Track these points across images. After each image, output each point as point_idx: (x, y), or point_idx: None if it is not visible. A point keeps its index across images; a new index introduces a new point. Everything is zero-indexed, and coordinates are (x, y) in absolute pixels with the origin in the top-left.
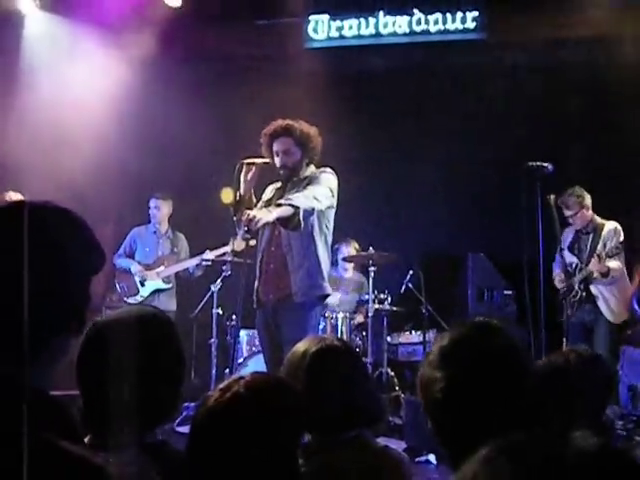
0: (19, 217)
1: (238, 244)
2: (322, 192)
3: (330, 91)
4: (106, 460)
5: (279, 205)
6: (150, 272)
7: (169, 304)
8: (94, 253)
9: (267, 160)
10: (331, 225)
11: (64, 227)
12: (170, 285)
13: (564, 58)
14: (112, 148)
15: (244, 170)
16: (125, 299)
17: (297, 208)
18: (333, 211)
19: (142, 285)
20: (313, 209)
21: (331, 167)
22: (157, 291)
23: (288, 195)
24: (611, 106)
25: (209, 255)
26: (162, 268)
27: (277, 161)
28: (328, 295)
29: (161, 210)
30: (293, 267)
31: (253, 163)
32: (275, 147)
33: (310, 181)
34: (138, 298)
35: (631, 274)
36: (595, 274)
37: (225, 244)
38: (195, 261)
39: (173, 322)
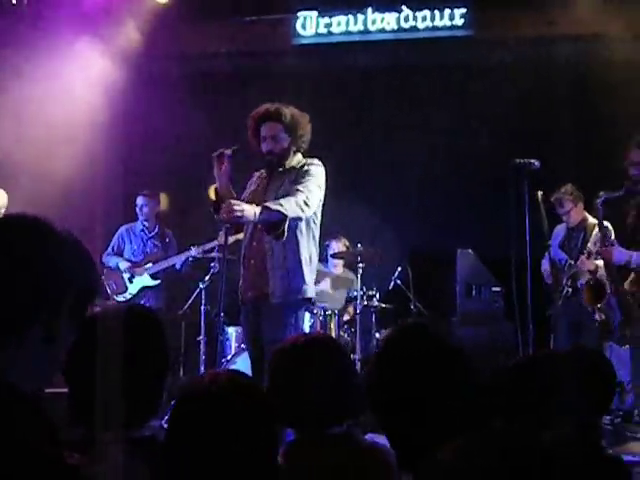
0: None
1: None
2: (313, 194)
3: (318, 87)
4: (81, 460)
5: (266, 207)
6: (138, 269)
7: (157, 301)
8: (71, 268)
9: (234, 147)
10: (319, 219)
11: (31, 242)
12: (158, 282)
13: (552, 55)
14: (99, 145)
15: (215, 164)
16: (114, 297)
17: (285, 217)
18: (321, 204)
19: (130, 282)
20: (301, 217)
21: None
22: (145, 288)
23: (278, 192)
24: (599, 103)
25: (196, 250)
26: (150, 265)
27: (263, 146)
28: (310, 298)
29: (148, 207)
30: (272, 266)
31: (221, 154)
32: (262, 132)
33: (299, 176)
34: (127, 295)
35: None
36: (583, 271)
37: (214, 239)
38: (183, 257)
39: (159, 319)
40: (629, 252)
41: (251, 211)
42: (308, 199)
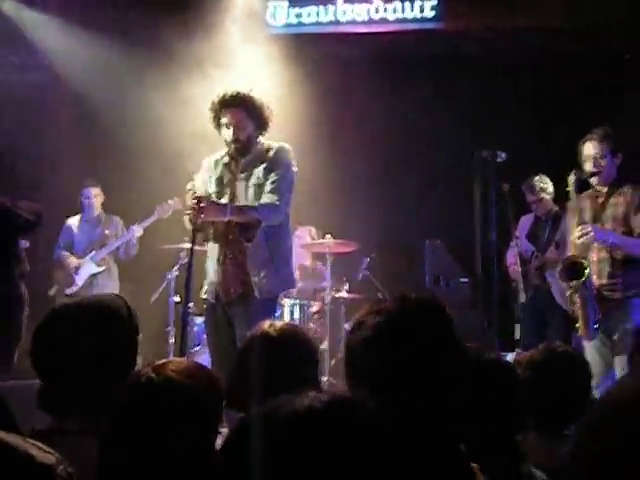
0: None
1: (164, 211)
2: (288, 189)
3: (289, 76)
4: (51, 454)
5: (241, 210)
6: (81, 260)
7: (108, 287)
8: None
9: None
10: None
11: None
12: (103, 268)
13: (521, 47)
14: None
15: (191, 206)
16: (64, 291)
17: (260, 222)
18: None
19: (76, 274)
20: (274, 223)
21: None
22: (93, 276)
23: (249, 182)
24: (567, 95)
25: (136, 229)
26: (93, 252)
27: (226, 134)
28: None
29: (97, 198)
30: (257, 262)
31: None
32: (224, 119)
33: (273, 166)
34: (74, 288)
35: None
36: (552, 262)
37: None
38: (124, 239)
39: (124, 308)
40: (605, 230)
41: (217, 210)
42: (284, 202)
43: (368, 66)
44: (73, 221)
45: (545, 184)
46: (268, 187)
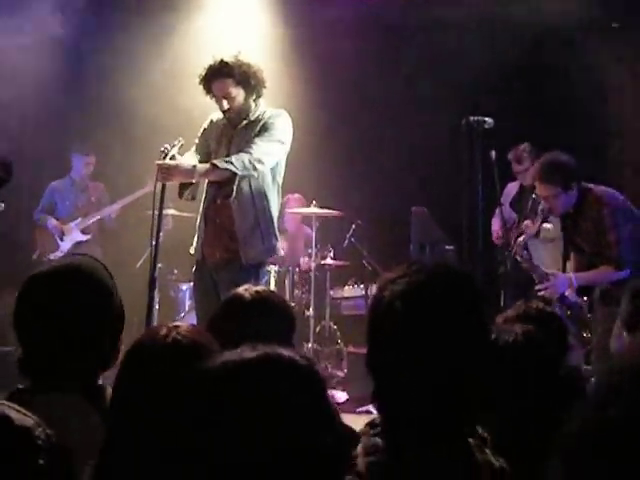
0: None
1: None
2: (270, 150)
3: (274, 41)
4: (29, 416)
5: (214, 165)
6: (66, 226)
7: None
8: None
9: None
10: (282, 172)
11: None
12: (89, 236)
13: (508, 14)
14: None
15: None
16: (46, 256)
17: (235, 175)
18: (284, 159)
19: (62, 240)
20: (252, 175)
21: None
22: (78, 243)
23: (240, 146)
24: (555, 64)
25: (121, 203)
26: (79, 219)
27: (219, 105)
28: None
29: (89, 167)
30: (244, 227)
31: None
32: (214, 90)
33: (263, 129)
34: (58, 254)
35: None
36: (529, 234)
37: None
38: (114, 207)
39: (100, 269)
40: (566, 276)
41: (186, 170)
42: (263, 156)
43: (355, 31)
44: (58, 184)
45: (530, 152)
46: (252, 142)
